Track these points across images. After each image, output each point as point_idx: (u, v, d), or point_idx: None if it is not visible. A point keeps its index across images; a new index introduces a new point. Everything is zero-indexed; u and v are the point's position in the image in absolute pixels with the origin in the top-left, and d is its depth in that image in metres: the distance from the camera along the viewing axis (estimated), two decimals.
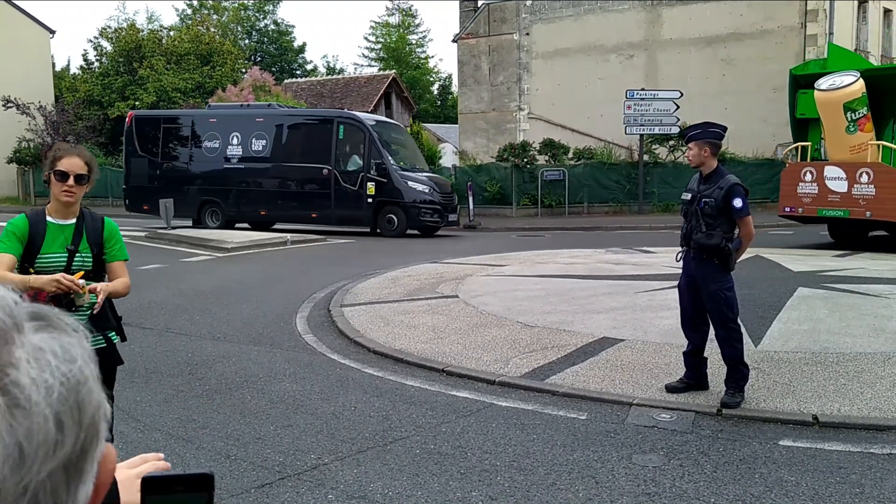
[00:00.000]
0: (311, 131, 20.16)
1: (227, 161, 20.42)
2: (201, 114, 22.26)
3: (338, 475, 4.35)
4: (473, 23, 31.52)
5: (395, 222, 18.80)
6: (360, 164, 19.06)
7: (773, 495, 4.00)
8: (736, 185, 5.36)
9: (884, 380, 5.79)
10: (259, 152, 20.14)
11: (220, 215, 20.56)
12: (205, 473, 0.82)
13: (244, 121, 20.46)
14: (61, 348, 0.64)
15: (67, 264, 3.48)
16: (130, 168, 21.98)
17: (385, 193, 18.81)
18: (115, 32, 39.19)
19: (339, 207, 19.24)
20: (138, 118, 22.30)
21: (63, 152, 3.45)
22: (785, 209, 14.79)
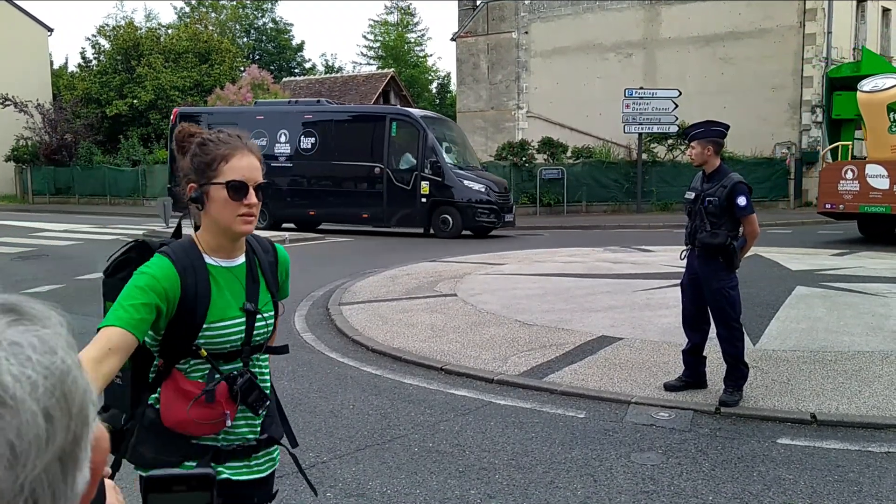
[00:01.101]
0: (362, 128, 19.43)
1: (274, 159, 19.47)
2: (248, 110, 21.46)
3: (336, 473, 4.35)
4: (472, 21, 31.51)
5: (449, 223, 17.99)
6: (414, 162, 18.34)
7: (772, 493, 4.00)
8: (739, 184, 5.36)
9: (882, 378, 5.80)
10: (308, 150, 19.44)
11: (267, 215, 19.43)
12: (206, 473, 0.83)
13: (292, 118, 19.82)
14: (39, 341, 0.63)
15: (247, 338, 2.07)
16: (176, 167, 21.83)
17: (440, 193, 18.07)
18: (113, 30, 39.15)
19: (392, 207, 18.52)
20: (183, 115, 21.34)
21: (229, 149, 2.01)
22: (826, 206, 15.49)
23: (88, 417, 0.65)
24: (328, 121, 19.68)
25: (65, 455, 0.62)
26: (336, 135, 19.46)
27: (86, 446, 0.65)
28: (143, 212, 27.88)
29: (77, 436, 0.63)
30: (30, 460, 0.58)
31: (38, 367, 0.61)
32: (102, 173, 33.20)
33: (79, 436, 0.63)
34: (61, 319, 0.68)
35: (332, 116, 19.86)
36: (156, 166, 32.04)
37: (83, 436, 0.64)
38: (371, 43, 57.48)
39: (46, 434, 0.60)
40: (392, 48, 54.85)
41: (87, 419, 0.65)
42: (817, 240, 15.91)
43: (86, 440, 0.65)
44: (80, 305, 9.46)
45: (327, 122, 19.64)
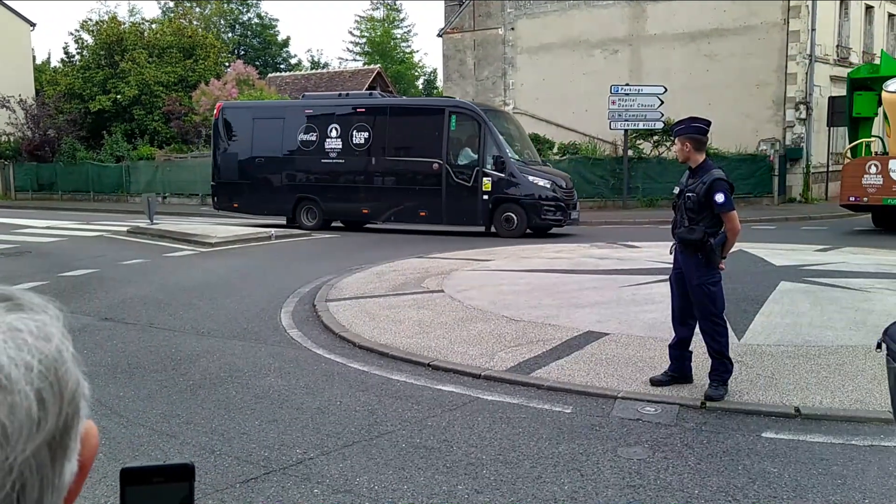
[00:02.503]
0: (419, 122, 18.45)
1: (325, 155, 18.69)
2: (297, 104, 20.53)
3: (323, 469, 4.34)
4: (458, 17, 31.48)
5: (514, 221, 17.08)
6: (475, 157, 17.39)
7: (756, 487, 4.04)
8: (718, 180, 5.36)
9: (865, 372, 5.86)
10: (361, 145, 18.42)
11: (317, 214, 18.91)
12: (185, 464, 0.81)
13: (344, 111, 18.85)
14: (37, 327, 0.65)
15: None
16: (219, 163, 20.25)
17: (503, 189, 17.10)
18: (96, 25, 38.78)
19: (451, 205, 17.52)
20: (228, 109, 20.54)
21: None
22: (849, 199, 16.59)
23: (80, 409, 0.66)
24: (382, 114, 18.64)
25: (54, 442, 0.63)
26: (391, 129, 18.46)
27: (76, 437, 0.66)
28: (127, 208, 27.69)
29: (67, 424, 0.64)
30: (20, 442, 0.59)
31: (34, 350, 0.62)
32: (86, 169, 32.92)
33: (69, 424, 0.64)
34: (58, 313, 0.70)
35: (384, 110, 18.81)
36: (139, 162, 31.81)
37: (73, 425, 0.65)
38: (357, 39, 57.38)
39: (38, 417, 0.61)
40: (378, 44, 54.73)
41: (79, 410, 0.66)
42: (801, 235, 16.04)
43: (76, 430, 0.66)
44: (64, 302, 9.32)
45: (381, 116, 18.60)
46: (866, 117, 18.48)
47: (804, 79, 24.53)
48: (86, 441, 0.69)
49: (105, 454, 4.60)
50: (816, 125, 24.88)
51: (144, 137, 34.29)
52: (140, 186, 30.56)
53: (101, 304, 9.37)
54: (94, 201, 31.83)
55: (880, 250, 12.95)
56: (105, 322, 8.37)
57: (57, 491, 0.64)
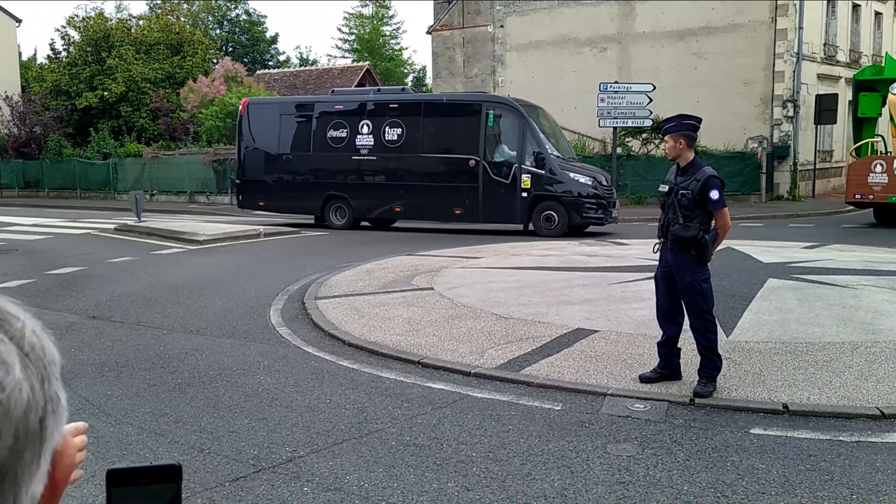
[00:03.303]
0: (454, 118, 17.84)
1: (356, 152, 18.14)
2: (326, 100, 19.76)
3: (313, 468, 4.33)
4: (448, 14, 31.44)
5: (554, 219, 16.52)
6: (513, 153, 16.88)
7: (745, 483, 4.06)
8: (712, 178, 5.41)
9: (852, 369, 5.90)
10: (393, 142, 17.83)
11: (347, 212, 18.40)
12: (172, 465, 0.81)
13: (376, 107, 18.26)
14: None
15: None
16: (244, 161, 19.67)
17: (543, 187, 16.53)
18: (82, 21, 38.47)
19: (488, 203, 16.99)
20: (253, 105, 19.99)
21: None
22: (855, 196, 17.36)
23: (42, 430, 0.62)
24: (417, 110, 18.02)
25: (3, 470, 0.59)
26: (426, 125, 17.82)
27: (34, 461, 0.62)
28: (115, 205, 27.53)
29: (18, 451, 0.60)
30: None
31: None
32: (72, 167, 32.69)
33: (20, 451, 0.60)
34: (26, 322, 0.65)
35: (419, 106, 18.21)
36: (127, 159, 31.60)
37: (25, 451, 0.61)
38: (346, 36, 57.18)
39: None
40: (367, 41, 54.58)
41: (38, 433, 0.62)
42: (788, 233, 16.13)
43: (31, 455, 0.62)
44: (51, 301, 9.33)
45: (416, 112, 17.97)
46: (871, 117, 19.25)
47: (791, 77, 24.65)
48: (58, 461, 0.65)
49: (93, 453, 4.57)
50: (804, 123, 25.02)
51: (132, 134, 34.06)
52: (127, 184, 30.36)
53: (89, 302, 9.31)
54: (80, 199, 31.61)
55: (867, 247, 13.04)
56: (92, 320, 8.31)
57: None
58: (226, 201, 27.94)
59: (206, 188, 28.71)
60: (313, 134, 18.75)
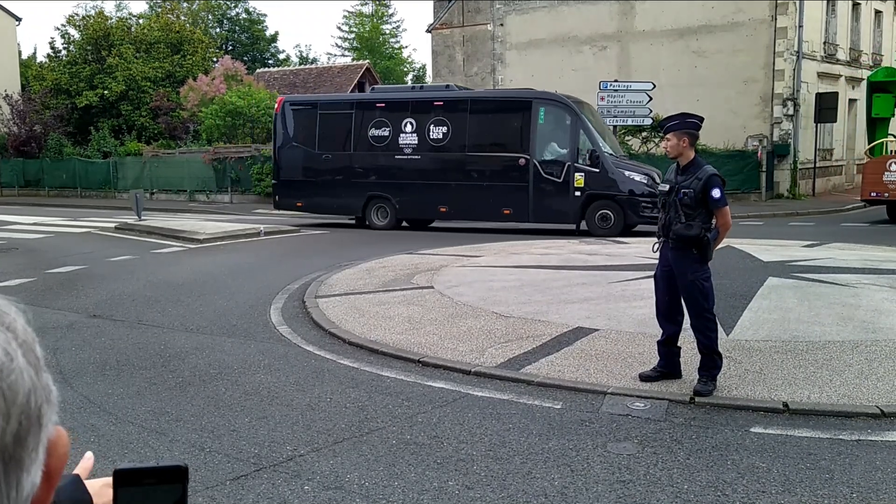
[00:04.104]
0: (503, 115, 17.45)
1: (399, 151, 17.71)
2: (367, 98, 19.51)
3: (314, 466, 4.34)
4: (447, 13, 31.43)
5: (610, 219, 16.10)
6: (565, 151, 16.47)
7: (745, 481, 4.06)
8: (714, 176, 5.42)
9: (852, 367, 5.90)
10: (439, 140, 17.38)
11: (390, 212, 17.95)
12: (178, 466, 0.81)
13: (420, 105, 17.82)
14: None
15: None
16: (281, 160, 19.21)
17: (597, 185, 16.09)
18: (82, 20, 38.47)
19: (539, 202, 16.58)
20: (290, 104, 19.54)
21: None
22: (870, 194, 17.95)
23: (39, 417, 0.63)
24: (463, 108, 17.54)
25: (6, 454, 0.60)
26: (473, 123, 17.39)
27: (34, 448, 0.63)
28: (115, 204, 27.53)
29: (20, 436, 0.61)
30: None
31: None
32: (73, 165, 32.69)
33: (22, 436, 0.61)
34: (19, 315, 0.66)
35: (467, 103, 17.68)
36: (127, 158, 31.61)
37: (28, 436, 0.62)
38: (346, 34, 57.20)
39: None
40: (367, 39, 54.58)
41: (37, 419, 0.63)
42: (788, 231, 16.13)
43: (33, 441, 0.63)
44: (51, 299, 9.33)
45: (462, 110, 17.51)
46: (884, 118, 19.81)
47: (791, 75, 24.64)
48: (53, 450, 0.66)
49: (94, 452, 4.55)
50: (804, 121, 25.01)
51: (132, 133, 34.05)
52: (127, 182, 30.37)
53: (90, 300, 9.31)
54: (81, 197, 31.61)
55: (867, 246, 13.04)
56: (93, 319, 8.32)
57: None
58: (225, 200, 27.95)
59: (206, 187, 28.71)
60: (354, 132, 18.31)
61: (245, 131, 29.40)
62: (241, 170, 27.37)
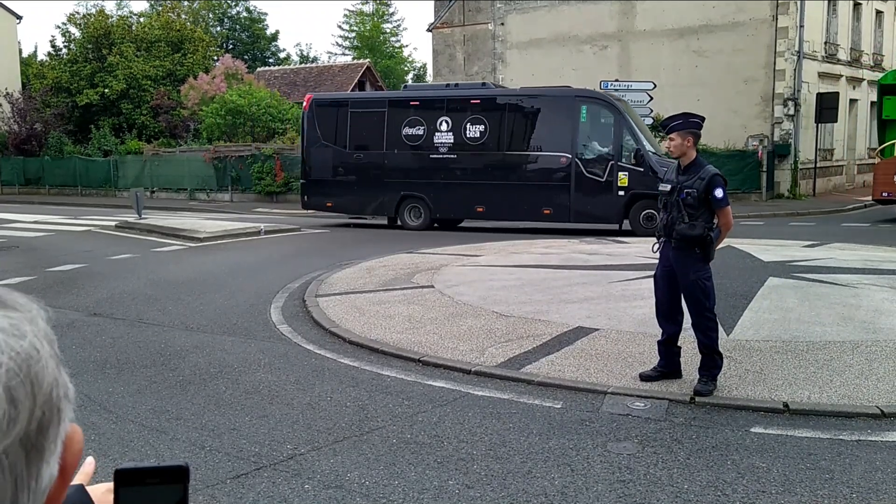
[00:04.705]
0: (543, 113, 17.02)
1: (434, 150, 17.41)
2: (400, 96, 19.13)
3: (314, 465, 4.34)
4: (448, 12, 31.42)
5: (655, 218, 15.86)
6: (605, 150, 16.22)
7: (745, 481, 4.06)
8: (716, 176, 5.43)
9: (852, 368, 5.90)
10: (476, 139, 17.11)
11: (424, 213, 17.68)
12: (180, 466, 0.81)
13: (456, 103, 17.47)
14: (10, 324, 0.64)
15: None
16: (310, 159, 18.80)
17: (642, 185, 15.60)
18: (83, 18, 38.45)
19: (581, 202, 16.31)
20: (320, 102, 19.17)
21: None
22: (882, 194, 18.38)
23: (59, 410, 0.65)
24: (501, 106, 17.29)
25: (28, 441, 0.62)
26: (511, 121, 17.13)
27: (54, 439, 0.64)
28: (115, 203, 27.53)
29: (43, 425, 0.63)
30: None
31: (4, 347, 0.61)
32: (73, 164, 32.69)
33: (45, 425, 0.63)
34: (40, 311, 0.68)
35: (506, 101, 17.42)
36: (127, 157, 31.62)
37: (49, 426, 0.64)
38: (346, 33, 57.18)
39: (8, 415, 0.60)
40: (368, 38, 54.56)
41: (57, 411, 0.64)
42: (789, 231, 16.13)
43: (53, 432, 0.64)
44: (52, 298, 9.33)
45: (500, 108, 17.27)
46: (894, 119, 20.17)
47: (792, 75, 24.62)
48: (69, 445, 0.67)
49: (94, 450, 4.58)
50: (804, 121, 25.00)
51: (132, 132, 34.05)
52: (128, 181, 30.37)
53: (90, 299, 9.32)
54: (81, 196, 31.61)
55: (868, 246, 13.04)
56: (94, 317, 8.32)
57: (33, 494, 0.63)
58: (226, 198, 27.95)
59: (206, 185, 28.71)
60: (386, 131, 17.93)
61: (245, 130, 29.40)
62: (242, 168, 27.37)
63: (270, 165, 26.51)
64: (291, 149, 26.63)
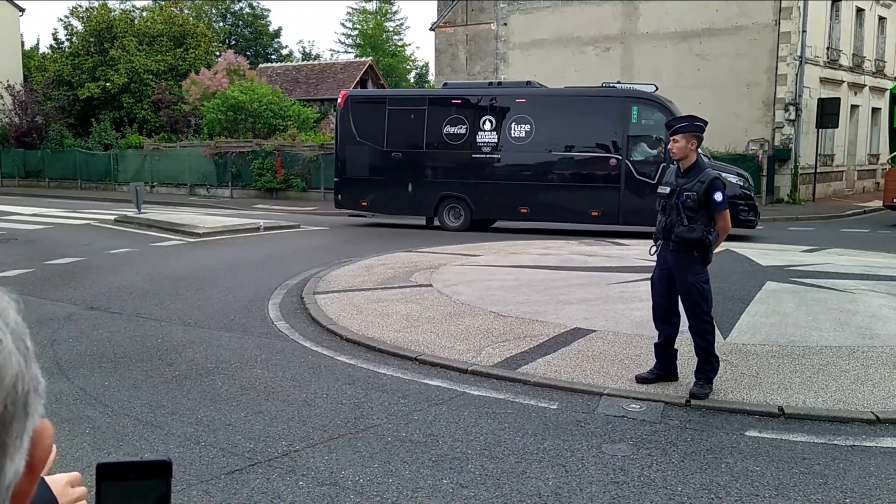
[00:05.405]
0: (592, 114, 16.70)
1: (476, 149, 17.08)
2: (440, 94, 18.57)
3: (309, 462, 4.34)
4: (451, 11, 31.42)
5: None
6: (658, 151, 15.86)
7: (739, 485, 4.07)
8: (717, 180, 5.45)
9: (848, 373, 5.91)
10: (521, 139, 16.81)
11: (464, 213, 17.32)
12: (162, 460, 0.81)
13: (500, 102, 17.18)
14: None
15: None
16: (345, 157, 18.28)
17: None
18: (86, 12, 38.41)
19: (630, 204, 15.99)
20: (356, 99, 18.75)
21: None
22: (893, 200, 19.02)
23: (25, 405, 0.63)
24: (548, 105, 17.02)
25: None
26: (558, 122, 16.75)
27: (19, 435, 0.63)
28: (115, 197, 27.52)
29: (5, 420, 0.61)
30: None
31: None
32: (73, 157, 32.67)
33: (7, 421, 0.61)
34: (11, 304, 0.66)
35: (553, 101, 17.14)
36: (128, 151, 31.59)
37: (14, 421, 0.62)
38: (349, 31, 57.17)
39: None
40: (370, 36, 54.55)
41: (23, 406, 0.63)
42: (788, 236, 16.13)
43: (18, 428, 0.62)
44: (50, 291, 9.33)
45: (546, 108, 16.96)
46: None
47: (794, 80, 24.63)
48: (38, 441, 0.66)
49: (89, 444, 4.58)
50: (805, 126, 25.01)
51: (133, 126, 34.03)
52: (128, 175, 30.35)
53: (88, 292, 9.31)
54: (81, 189, 31.60)
55: (866, 252, 13.05)
56: (91, 311, 8.32)
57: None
58: (226, 194, 27.94)
59: (206, 181, 28.70)
60: (426, 130, 17.54)
61: (246, 126, 29.38)
62: (242, 165, 27.36)
63: (271, 162, 26.49)
64: (292, 145, 26.62)
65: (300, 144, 26.57)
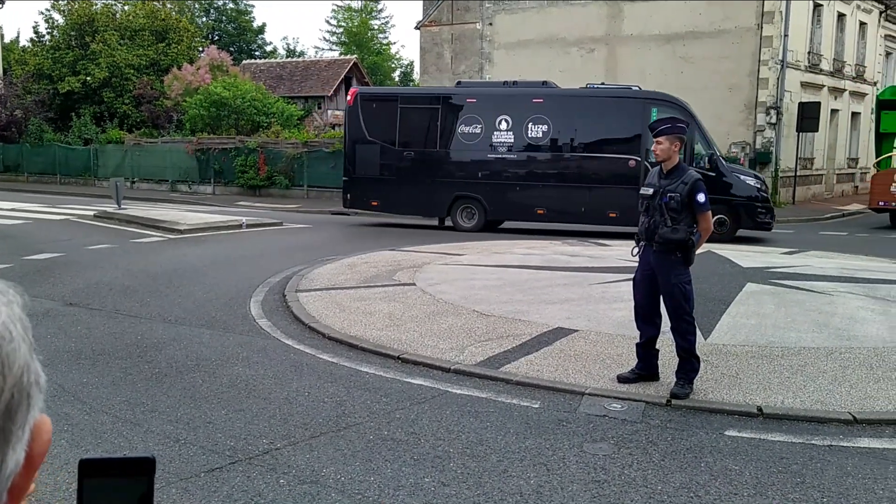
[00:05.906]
0: (611, 115, 16.52)
1: (492, 150, 16.85)
2: (455, 92, 18.16)
3: (290, 460, 4.32)
4: (437, 10, 31.40)
5: (727, 224, 15.47)
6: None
7: (718, 484, 4.10)
8: (699, 181, 5.50)
9: (826, 374, 5.97)
10: (538, 139, 16.64)
11: (478, 213, 17.10)
12: (145, 457, 0.80)
13: (517, 102, 16.93)
14: None
15: None
16: (355, 156, 17.81)
17: (713, 190, 15.32)
18: (67, 5, 38.02)
19: None
20: (366, 97, 18.31)
21: None
22: (878, 203, 19.47)
23: (29, 396, 0.64)
24: (566, 106, 16.85)
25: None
26: (576, 122, 16.61)
27: (22, 425, 0.63)
28: (95, 192, 27.24)
29: (11, 409, 0.62)
30: None
31: None
32: (53, 151, 32.30)
33: (13, 409, 0.62)
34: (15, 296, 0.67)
35: (571, 101, 16.92)
36: (108, 146, 31.28)
37: (17, 411, 0.63)
38: (334, 28, 57.02)
39: None
40: (355, 34, 54.40)
41: (27, 396, 0.64)
42: (768, 238, 16.28)
43: (21, 418, 0.63)
44: (28, 286, 9.21)
45: (564, 108, 16.80)
46: (892, 133, 21.37)
47: (776, 84, 24.85)
48: (37, 435, 0.66)
49: (67, 441, 4.53)
50: (786, 130, 25.25)
51: (114, 121, 33.72)
52: (108, 170, 30.05)
53: (66, 288, 9.22)
54: (60, 184, 31.25)
55: (844, 255, 13.20)
56: (69, 307, 8.24)
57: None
58: (208, 191, 27.75)
59: (188, 177, 28.46)
60: (440, 129, 17.26)
61: (229, 123, 29.19)
62: (225, 161, 27.17)
63: (254, 159, 26.33)
64: (275, 143, 26.48)
65: (283, 142, 26.43)
